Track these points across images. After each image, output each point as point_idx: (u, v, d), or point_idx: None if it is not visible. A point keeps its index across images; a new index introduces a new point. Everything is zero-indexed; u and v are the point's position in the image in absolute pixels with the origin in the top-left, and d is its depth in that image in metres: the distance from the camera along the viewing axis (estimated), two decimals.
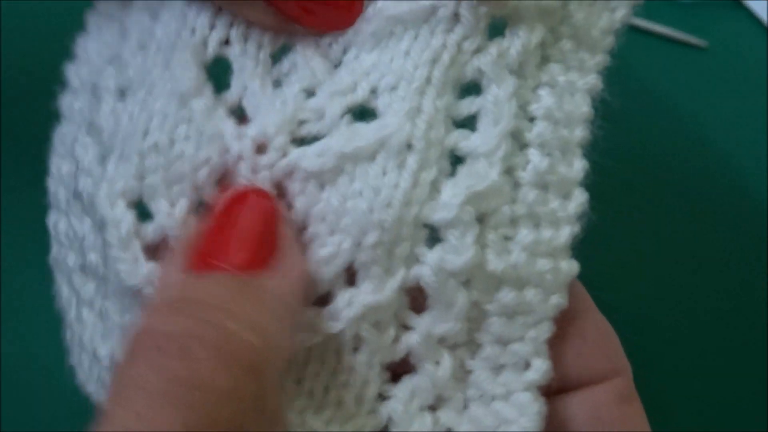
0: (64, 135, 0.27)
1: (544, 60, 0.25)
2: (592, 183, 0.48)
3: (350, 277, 0.24)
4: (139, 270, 0.24)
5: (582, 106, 0.25)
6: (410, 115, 0.24)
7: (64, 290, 0.27)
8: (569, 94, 0.25)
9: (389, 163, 0.24)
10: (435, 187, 0.24)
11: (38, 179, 0.28)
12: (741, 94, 0.53)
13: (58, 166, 0.27)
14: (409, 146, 0.24)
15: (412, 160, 0.24)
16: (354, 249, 0.24)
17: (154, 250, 0.25)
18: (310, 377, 0.24)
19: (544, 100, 0.25)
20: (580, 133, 0.25)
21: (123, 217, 0.24)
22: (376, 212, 0.23)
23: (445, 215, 0.23)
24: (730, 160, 0.50)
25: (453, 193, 0.24)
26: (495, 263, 0.24)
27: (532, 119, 0.25)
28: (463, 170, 0.24)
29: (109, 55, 0.27)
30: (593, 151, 0.50)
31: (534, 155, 0.25)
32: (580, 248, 0.46)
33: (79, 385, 0.27)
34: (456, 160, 0.25)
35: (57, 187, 0.27)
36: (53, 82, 0.28)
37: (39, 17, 0.40)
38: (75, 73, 0.27)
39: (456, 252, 0.23)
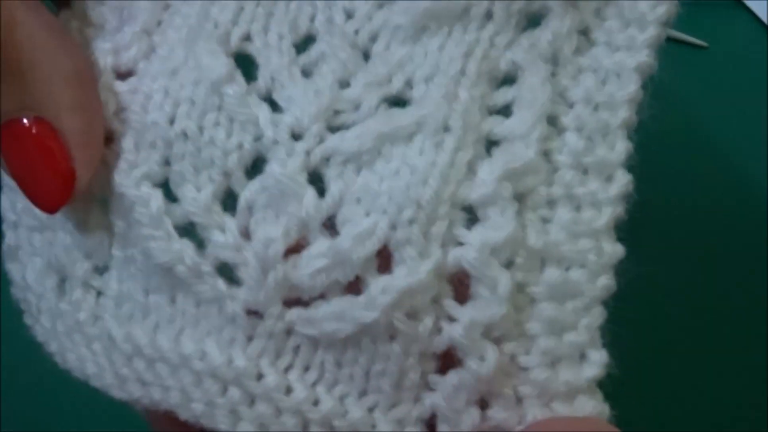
0: None
1: (588, 44, 0.25)
2: None
3: (384, 265, 0.24)
4: (172, 246, 0.24)
5: (628, 87, 0.25)
6: (447, 99, 0.24)
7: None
8: (615, 76, 0.25)
9: (426, 143, 0.24)
10: (471, 169, 0.24)
11: None
12: (741, 94, 0.53)
13: None
14: (446, 127, 0.24)
15: (449, 140, 0.24)
16: (389, 229, 0.23)
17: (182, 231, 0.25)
18: (349, 363, 0.24)
19: (582, 84, 0.25)
20: (623, 114, 0.25)
21: (150, 196, 0.25)
22: (413, 189, 0.23)
23: (483, 192, 0.23)
24: (730, 160, 0.50)
25: (490, 170, 0.24)
26: (535, 239, 0.24)
27: (571, 105, 0.25)
28: (498, 151, 0.24)
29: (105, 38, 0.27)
30: None
31: (570, 137, 0.24)
32: None
33: (71, 372, 0.27)
34: (492, 146, 0.25)
35: None
36: None
37: None
38: None
39: (496, 228, 0.23)
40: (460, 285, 0.24)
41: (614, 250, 0.25)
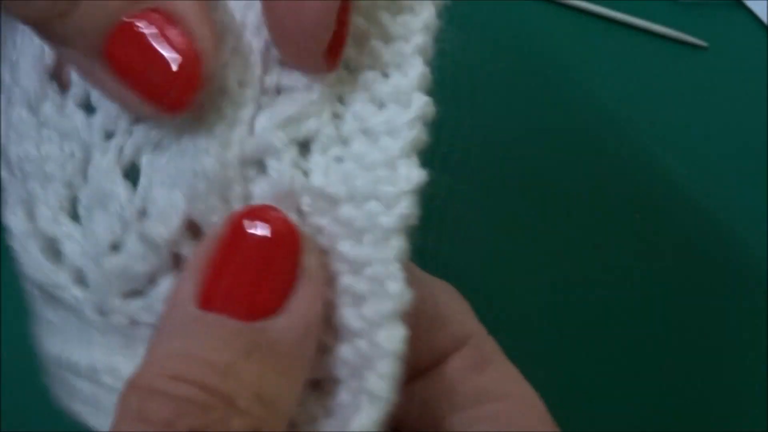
0: None
1: None
2: (590, 182, 0.48)
3: (199, 233, 0.24)
4: (36, 265, 0.25)
5: (422, 15, 0.24)
6: (224, 59, 0.23)
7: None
8: (409, 9, 0.24)
9: (206, 110, 0.23)
10: (253, 124, 0.23)
11: None
12: (741, 94, 0.53)
13: None
14: (222, 89, 0.23)
15: (226, 102, 0.23)
16: (188, 203, 0.23)
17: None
18: None
19: (376, 22, 0.24)
20: (418, 40, 0.24)
21: (18, 223, 0.25)
22: (198, 161, 0.23)
23: (258, 145, 0.23)
24: (729, 160, 0.50)
25: (264, 122, 0.23)
26: (321, 181, 0.23)
27: (363, 43, 0.24)
28: (280, 99, 0.24)
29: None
30: (592, 149, 0.50)
31: (363, 74, 0.24)
32: (574, 248, 0.46)
33: None
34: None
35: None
36: None
37: None
38: None
39: (274, 179, 0.23)
40: None
41: (412, 175, 0.23)
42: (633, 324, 0.45)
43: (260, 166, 0.24)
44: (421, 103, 0.23)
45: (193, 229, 0.24)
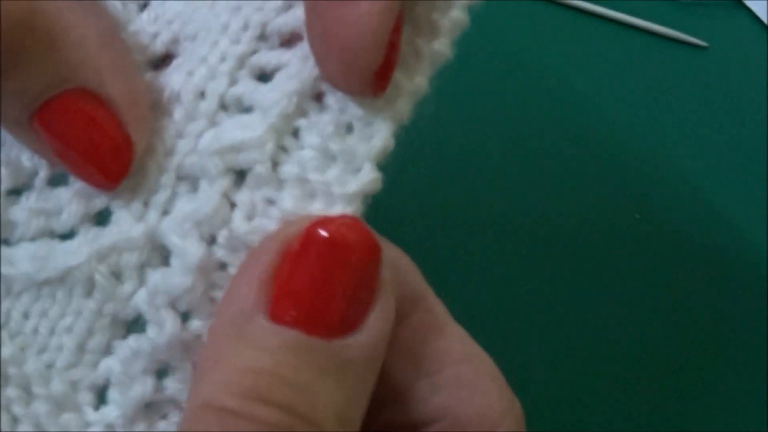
0: None
1: None
2: (589, 182, 0.48)
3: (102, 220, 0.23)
4: None
5: (418, 76, 0.23)
6: (191, 66, 0.23)
7: None
8: (413, 57, 0.23)
9: (159, 115, 0.23)
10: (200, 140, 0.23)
11: None
12: (741, 94, 0.53)
13: None
14: (177, 98, 0.23)
15: (176, 112, 0.23)
16: (110, 194, 0.23)
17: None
18: (37, 315, 0.23)
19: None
20: (401, 106, 0.23)
21: None
22: (138, 161, 0.23)
23: (195, 162, 0.23)
24: (729, 160, 0.50)
25: (207, 142, 0.23)
26: (239, 224, 0.22)
27: None
28: (231, 121, 0.23)
29: None
30: (592, 149, 0.50)
31: (326, 118, 0.22)
32: (573, 249, 0.46)
33: None
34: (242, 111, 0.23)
35: None
36: None
37: None
38: None
39: (200, 201, 0.22)
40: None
41: None
42: (632, 324, 0.45)
43: (193, 183, 0.23)
44: (368, 178, 0.22)
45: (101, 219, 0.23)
